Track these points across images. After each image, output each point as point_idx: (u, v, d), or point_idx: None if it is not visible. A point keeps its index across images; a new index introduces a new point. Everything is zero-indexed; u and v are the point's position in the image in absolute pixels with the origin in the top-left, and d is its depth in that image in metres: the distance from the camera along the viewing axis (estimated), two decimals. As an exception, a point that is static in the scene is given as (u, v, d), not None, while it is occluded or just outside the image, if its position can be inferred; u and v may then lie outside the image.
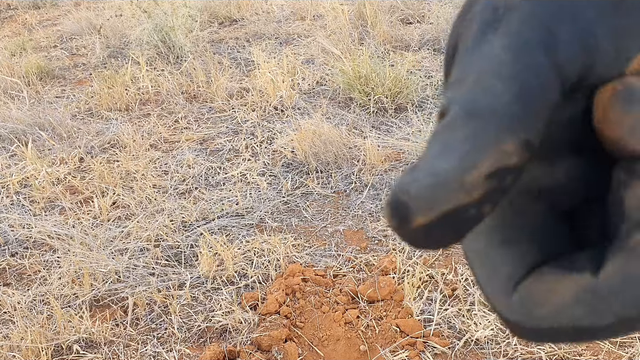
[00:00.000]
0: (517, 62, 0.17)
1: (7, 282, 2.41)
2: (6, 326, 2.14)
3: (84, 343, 2.06)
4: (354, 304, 2.11)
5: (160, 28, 4.51)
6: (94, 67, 4.65)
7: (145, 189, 2.90)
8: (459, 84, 0.17)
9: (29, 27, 6.07)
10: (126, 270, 2.36)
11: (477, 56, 0.17)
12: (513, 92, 0.16)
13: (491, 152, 0.16)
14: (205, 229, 2.55)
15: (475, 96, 0.16)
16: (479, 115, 0.16)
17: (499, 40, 0.17)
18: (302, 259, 2.37)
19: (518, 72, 0.16)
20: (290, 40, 4.80)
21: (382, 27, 4.49)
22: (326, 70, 4.00)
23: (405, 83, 3.50)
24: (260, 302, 2.15)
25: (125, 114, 3.80)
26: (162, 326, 2.11)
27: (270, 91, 3.69)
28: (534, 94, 0.16)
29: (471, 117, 0.16)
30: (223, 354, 1.93)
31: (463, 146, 0.16)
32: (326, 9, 4.98)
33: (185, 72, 4.22)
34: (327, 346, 1.97)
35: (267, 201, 2.76)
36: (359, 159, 2.99)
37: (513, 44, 0.17)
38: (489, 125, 0.16)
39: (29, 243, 2.62)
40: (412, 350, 1.92)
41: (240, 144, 3.27)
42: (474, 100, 0.16)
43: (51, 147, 3.40)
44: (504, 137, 0.16)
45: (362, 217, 2.60)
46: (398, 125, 3.31)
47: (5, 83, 4.21)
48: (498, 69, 0.17)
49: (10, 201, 2.93)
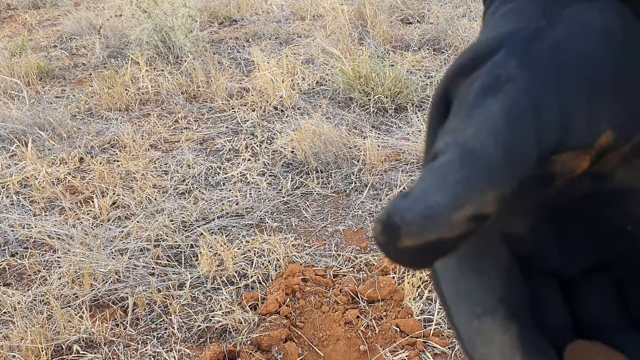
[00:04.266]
0: (509, 128, 0.20)
1: (7, 282, 2.41)
2: (6, 326, 2.14)
3: (84, 343, 2.06)
4: (354, 304, 2.11)
5: (160, 28, 4.51)
6: (94, 67, 4.65)
7: (145, 189, 2.90)
8: (457, 132, 0.20)
9: (28, 27, 6.07)
10: (126, 270, 2.36)
11: (478, 113, 0.20)
12: (502, 154, 0.19)
13: (475, 199, 0.19)
14: (205, 229, 2.55)
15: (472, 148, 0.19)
16: (473, 165, 0.19)
17: (498, 105, 0.20)
18: (302, 259, 2.37)
19: (509, 137, 0.19)
20: (290, 40, 4.80)
21: (382, 27, 4.49)
22: (326, 70, 4.00)
23: (405, 83, 3.50)
24: (260, 302, 2.15)
25: (125, 114, 3.80)
26: (162, 326, 2.11)
27: (270, 91, 3.69)
28: (518, 159, 0.19)
29: (465, 165, 0.19)
30: (223, 354, 1.93)
31: (456, 187, 0.19)
32: (326, 9, 4.98)
33: (185, 72, 4.22)
34: (327, 346, 1.97)
35: (267, 201, 2.77)
36: (358, 159, 2.99)
37: (509, 112, 0.20)
38: (478, 175, 0.19)
39: (29, 243, 2.62)
40: (412, 350, 1.92)
41: (240, 144, 3.27)
42: (470, 152, 0.19)
43: (51, 147, 3.40)
44: (488, 188, 0.19)
45: (362, 217, 2.60)
46: (398, 125, 3.31)
47: (5, 83, 4.21)
48: (494, 131, 0.19)
49: (10, 201, 2.93)
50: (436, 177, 0.19)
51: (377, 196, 2.73)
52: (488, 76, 0.21)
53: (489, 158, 0.19)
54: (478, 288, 0.22)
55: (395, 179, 2.80)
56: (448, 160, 0.19)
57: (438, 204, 0.18)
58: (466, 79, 0.22)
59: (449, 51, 4.20)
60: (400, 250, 0.19)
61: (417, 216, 0.18)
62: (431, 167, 0.19)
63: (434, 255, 0.19)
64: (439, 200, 0.18)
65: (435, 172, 0.19)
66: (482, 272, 0.23)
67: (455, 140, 0.20)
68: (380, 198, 2.71)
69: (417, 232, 0.18)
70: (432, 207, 0.18)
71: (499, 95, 0.20)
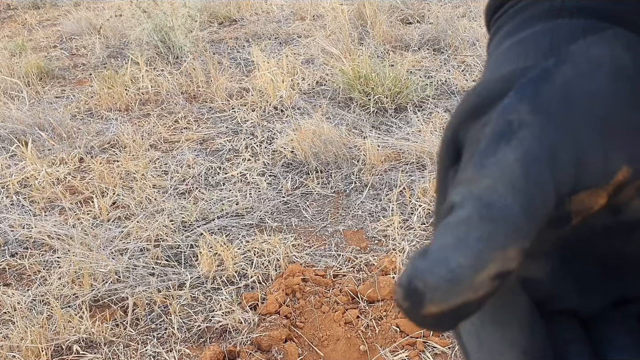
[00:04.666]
0: (527, 177, 0.19)
1: (7, 282, 2.41)
2: (6, 326, 2.14)
3: (84, 343, 2.06)
4: (354, 304, 2.11)
5: (159, 28, 4.51)
6: (94, 67, 4.65)
7: (145, 189, 2.90)
8: (472, 184, 0.19)
9: (28, 27, 6.07)
10: (126, 271, 2.36)
11: (492, 162, 0.19)
12: (521, 206, 0.18)
13: (498, 257, 0.18)
14: (205, 229, 2.55)
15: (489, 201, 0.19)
16: (492, 220, 0.18)
17: (512, 152, 0.19)
18: (302, 259, 2.37)
19: (527, 187, 0.19)
20: (290, 40, 4.80)
21: (381, 27, 4.49)
22: (326, 70, 4.00)
23: (405, 83, 3.50)
24: (260, 302, 2.15)
25: (125, 114, 3.80)
26: (162, 326, 2.11)
27: (270, 91, 3.69)
28: (537, 209, 0.19)
29: (484, 220, 0.18)
30: (223, 354, 1.93)
31: (477, 245, 0.18)
32: (326, 9, 4.98)
33: (185, 72, 4.22)
34: (327, 346, 1.97)
35: (267, 201, 2.77)
36: (358, 159, 2.99)
37: (524, 159, 0.19)
38: (499, 231, 0.18)
39: (29, 243, 2.62)
40: (412, 350, 1.92)
41: (240, 144, 3.27)
42: (488, 205, 0.18)
43: (51, 147, 3.40)
44: (509, 244, 0.18)
45: (362, 217, 2.60)
46: (398, 125, 3.31)
47: (5, 83, 4.21)
48: (511, 181, 0.19)
49: (10, 201, 2.93)
50: (455, 234, 0.18)
51: (377, 196, 2.73)
52: (500, 122, 0.20)
53: (508, 211, 0.18)
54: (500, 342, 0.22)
55: (395, 179, 2.80)
56: (466, 216, 0.19)
57: (460, 266, 0.18)
58: (476, 122, 0.22)
59: (448, 51, 4.20)
60: (424, 317, 0.18)
61: (440, 281, 0.18)
62: (448, 223, 0.19)
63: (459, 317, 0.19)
64: (461, 262, 0.18)
65: (453, 229, 0.18)
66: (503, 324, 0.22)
67: (471, 193, 0.19)
68: (380, 198, 2.71)
69: (441, 299, 0.18)
70: (454, 270, 0.18)
71: (513, 142, 0.20)
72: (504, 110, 0.20)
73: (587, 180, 0.20)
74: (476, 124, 0.22)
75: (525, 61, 0.23)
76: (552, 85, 0.21)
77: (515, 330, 0.22)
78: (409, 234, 2.44)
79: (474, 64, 3.97)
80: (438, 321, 0.19)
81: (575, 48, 0.22)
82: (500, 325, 0.22)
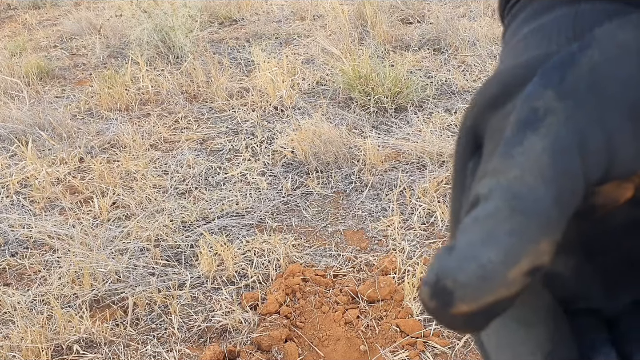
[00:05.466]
0: (556, 166, 0.18)
1: (7, 282, 2.41)
2: (6, 326, 2.14)
3: (84, 343, 2.06)
4: (354, 304, 2.11)
5: (160, 28, 4.51)
6: (94, 67, 4.65)
7: (145, 189, 2.90)
8: (499, 175, 0.18)
9: (29, 27, 6.07)
10: (126, 270, 2.36)
11: (519, 152, 0.18)
12: (552, 197, 0.18)
13: (531, 251, 0.17)
14: (205, 229, 2.55)
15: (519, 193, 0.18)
16: (523, 212, 0.17)
17: (540, 141, 0.18)
18: (302, 259, 2.37)
19: (557, 176, 0.18)
20: (290, 40, 4.80)
21: (382, 27, 4.49)
22: (326, 70, 4.00)
23: (405, 83, 3.50)
24: (260, 302, 2.15)
25: (125, 114, 3.80)
26: (162, 326, 2.11)
27: (270, 91, 3.69)
28: (567, 199, 0.18)
29: (515, 212, 0.17)
30: (223, 354, 1.93)
31: (508, 239, 0.17)
32: (326, 9, 4.98)
33: (185, 72, 4.22)
34: (327, 346, 1.97)
35: (267, 201, 2.77)
36: (359, 159, 2.99)
37: (553, 148, 0.18)
38: (530, 224, 0.17)
39: (29, 243, 2.62)
40: (412, 350, 1.92)
41: (240, 144, 3.27)
42: (517, 196, 0.18)
43: (51, 147, 3.40)
44: (542, 237, 0.17)
45: (362, 217, 2.60)
46: (398, 125, 3.31)
47: (5, 83, 4.21)
48: (540, 171, 0.18)
49: (10, 201, 2.93)
50: (483, 228, 0.17)
51: (377, 196, 2.73)
52: (525, 109, 0.19)
53: (539, 203, 0.17)
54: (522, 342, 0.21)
55: (395, 179, 2.80)
56: (494, 209, 0.18)
57: (491, 262, 0.17)
58: (497, 112, 0.21)
59: (449, 51, 4.19)
60: (454, 316, 0.17)
61: (470, 278, 0.17)
62: (475, 217, 0.18)
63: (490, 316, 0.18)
64: (492, 257, 0.17)
65: (481, 223, 0.17)
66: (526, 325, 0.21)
67: (499, 185, 0.18)
68: (380, 198, 2.71)
69: (472, 297, 0.17)
70: (485, 266, 0.17)
71: (540, 130, 0.19)
72: (528, 97, 0.20)
73: (616, 170, 0.19)
74: (497, 113, 0.21)
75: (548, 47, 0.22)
76: (578, 70, 0.19)
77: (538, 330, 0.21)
78: (409, 233, 2.44)
79: (474, 64, 3.97)
80: (468, 321, 0.18)
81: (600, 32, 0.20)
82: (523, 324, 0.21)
